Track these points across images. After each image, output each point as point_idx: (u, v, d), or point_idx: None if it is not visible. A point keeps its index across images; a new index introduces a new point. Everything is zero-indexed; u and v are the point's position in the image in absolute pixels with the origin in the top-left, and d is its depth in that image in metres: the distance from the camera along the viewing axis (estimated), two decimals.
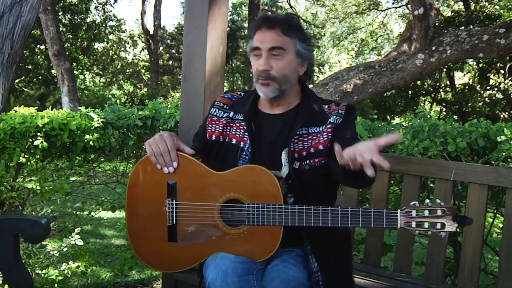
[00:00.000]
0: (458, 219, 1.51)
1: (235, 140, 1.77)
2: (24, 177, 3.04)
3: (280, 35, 1.68)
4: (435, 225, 1.52)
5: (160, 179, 1.69)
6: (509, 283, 1.97)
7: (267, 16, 1.76)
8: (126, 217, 1.76)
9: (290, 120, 1.74)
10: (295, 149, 1.68)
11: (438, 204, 1.53)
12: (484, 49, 4.99)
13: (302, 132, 1.70)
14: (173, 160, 1.67)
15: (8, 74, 3.61)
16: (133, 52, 20.47)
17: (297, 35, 1.71)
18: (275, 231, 1.61)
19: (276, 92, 1.70)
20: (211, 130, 1.82)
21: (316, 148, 1.68)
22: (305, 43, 1.73)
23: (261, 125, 1.76)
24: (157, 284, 3.41)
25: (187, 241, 1.69)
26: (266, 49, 1.68)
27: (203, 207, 1.66)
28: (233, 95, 1.88)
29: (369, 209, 1.57)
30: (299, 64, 1.73)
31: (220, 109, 1.83)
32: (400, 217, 1.54)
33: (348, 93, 5.53)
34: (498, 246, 2.44)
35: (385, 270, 2.29)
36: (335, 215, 1.56)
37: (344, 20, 17.78)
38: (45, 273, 2.71)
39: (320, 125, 1.71)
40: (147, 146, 1.69)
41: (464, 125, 2.46)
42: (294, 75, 1.73)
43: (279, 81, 1.69)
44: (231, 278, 1.50)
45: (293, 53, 1.70)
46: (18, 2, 3.57)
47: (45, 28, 9.73)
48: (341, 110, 1.72)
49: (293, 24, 1.72)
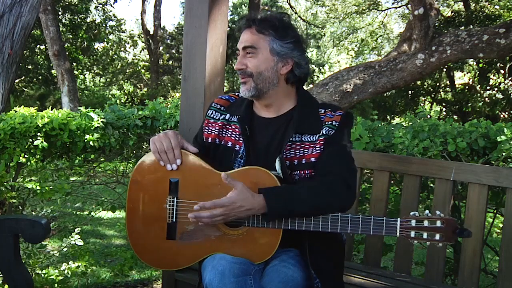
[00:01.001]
0: (457, 231, 1.52)
1: (231, 143, 1.76)
2: (24, 177, 3.05)
3: (254, 33, 1.68)
4: (434, 236, 1.53)
5: (162, 176, 1.69)
6: (509, 283, 1.97)
7: (247, 16, 1.75)
8: (126, 212, 1.76)
9: (283, 125, 1.72)
10: (287, 156, 1.67)
11: (438, 216, 1.54)
12: (484, 49, 4.99)
13: (295, 139, 1.68)
14: (176, 157, 1.67)
15: (8, 74, 3.61)
16: (133, 52, 20.49)
17: (272, 32, 1.67)
18: (274, 234, 1.61)
19: (253, 90, 1.68)
20: (207, 132, 1.83)
21: (307, 160, 1.67)
22: (283, 40, 1.68)
23: (255, 129, 1.75)
24: (157, 284, 3.41)
25: (186, 239, 1.69)
26: (241, 49, 1.70)
27: None
28: (230, 97, 1.87)
29: (369, 216, 1.58)
30: (277, 62, 1.68)
31: (217, 111, 1.83)
32: (399, 226, 1.54)
33: (348, 93, 5.53)
34: (498, 246, 2.44)
35: (385, 270, 2.29)
36: (335, 220, 1.56)
37: (344, 20, 17.79)
38: (45, 273, 2.71)
39: (314, 132, 1.68)
40: (151, 143, 1.69)
41: (464, 125, 2.46)
42: (272, 74, 1.69)
43: (254, 79, 1.68)
44: (228, 279, 1.50)
45: (267, 51, 1.67)
46: (18, 2, 3.57)
47: (45, 28, 9.73)
48: (335, 121, 1.67)
49: (272, 22, 1.69)
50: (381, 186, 2.25)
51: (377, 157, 2.27)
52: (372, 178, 2.35)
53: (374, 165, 2.27)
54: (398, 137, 2.46)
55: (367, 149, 2.50)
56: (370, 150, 2.51)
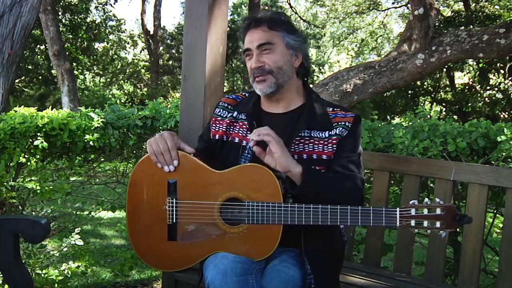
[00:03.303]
0: (457, 217, 1.51)
1: (238, 139, 1.79)
2: (24, 177, 3.04)
3: (266, 31, 1.72)
4: (434, 224, 1.51)
5: (160, 178, 1.70)
6: (509, 283, 1.97)
7: (252, 16, 1.78)
8: (127, 215, 1.77)
9: (293, 121, 1.75)
10: (295, 150, 1.69)
11: (437, 203, 1.53)
12: (484, 49, 4.99)
13: (304, 134, 1.71)
14: (173, 158, 1.67)
15: (8, 74, 3.61)
16: (133, 52, 20.48)
17: (283, 28, 1.73)
18: (275, 230, 1.61)
19: (273, 86, 1.72)
20: (214, 129, 1.85)
21: (319, 156, 1.69)
22: (294, 35, 1.74)
23: (263, 124, 1.75)
24: (157, 284, 3.41)
25: (187, 239, 1.69)
26: (255, 48, 1.72)
27: (203, 206, 1.66)
28: (237, 96, 1.90)
29: (368, 207, 1.57)
30: (292, 55, 1.74)
31: (224, 109, 1.86)
32: (399, 215, 1.54)
33: (348, 93, 5.52)
34: (498, 246, 2.44)
35: (385, 270, 2.29)
36: (334, 213, 1.57)
37: (344, 20, 17.80)
38: (45, 273, 2.71)
39: (323, 129, 1.71)
40: (147, 145, 1.70)
41: (464, 125, 2.46)
42: (289, 68, 1.74)
43: (275, 74, 1.71)
44: (230, 278, 1.50)
45: (283, 46, 1.72)
46: (18, 2, 3.57)
47: (45, 28, 9.73)
48: (348, 122, 1.71)
49: (279, 19, 1.75)
50: (381, 186, 2.25)
51: (377, 157, 2.27)
52: (372, 178, 2.35)
53: (374, 165, 2.27)
54: (398, 137, 2.46)
55: (367, 149, 2.50)
56: (370, 150, 2.51)
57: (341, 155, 1.69)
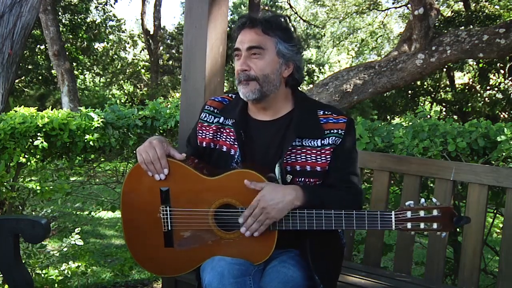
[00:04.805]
0: (454, 219, 1.48)
1: (226, 148, 1.73)
2: (24, 177, 3.05)
3: (259, 34, 1.62)
4: (432, 225, 1.50)
5: (153, 186, 1.68)
6: (509, 283, 1.97)
7: (249, 16, 1.70)
8: (123, 224, 1.75)
9: (282, 129, 1.69)
10: (287, 161, 1.64)
11: (434, 204, 1.50)
12: (484, 49, 4.99)
13: (296, 144, 1.64)
14: (163, 167, 1.64)
15: (8, 74, 3.61)
16: (133, 52, 20.48)
17: (278, 34, 1.63)
18: (271, 234, 1.60)
19: (257, 93, 1.63)
20: (201, 136, 1.79)
21: (313, 168, 1.64)
22: (288, 43, 1.65)
23: (251, 132, 1.72)
24: (157, 284, 3.41)
25: (184, 246, 1.68)
26: (245, 49, 1.63)
27: (197, 213, 1.65)
28: (224, 98, 1.83)
29: (363, 211, 1.56)
30: (282, 64, 1.65)
31: (210, 114, 1.79)
32: (394, 218, 1.52)
33: (348, 93, 5.53)
34: (498, 246, 2.44)
35: (385, 270, 2.29)
36: (329, 218, 1.55)
37: (344, 20, 17.79)
38: (45, 273, 2.71)
39: (315, 137, 1.64)
40: (137, 154, 1.66)
41: (464, 125, 2.46)
42: (276, 77, 1.64)
43: (260, 82, 1.62)
44: (228, 280, 1.49)
45: (274, 52, 1.63)
46: (18, 2, 3.57)
47: (45, 28, 9.73)
48: (340, 129, 1.64)
49: (276, 23, 1.65)
50: (381, 186, 2.25)
51: (377, 157, 2.27)
52: (372, 178, 2.35)
53: (374, 165, 2.27)
54: (398, 137, 2.46)
55: (367, 149, 2.50)
56: (370, 150, 2.50)
57: (338, 166, 1.65)
